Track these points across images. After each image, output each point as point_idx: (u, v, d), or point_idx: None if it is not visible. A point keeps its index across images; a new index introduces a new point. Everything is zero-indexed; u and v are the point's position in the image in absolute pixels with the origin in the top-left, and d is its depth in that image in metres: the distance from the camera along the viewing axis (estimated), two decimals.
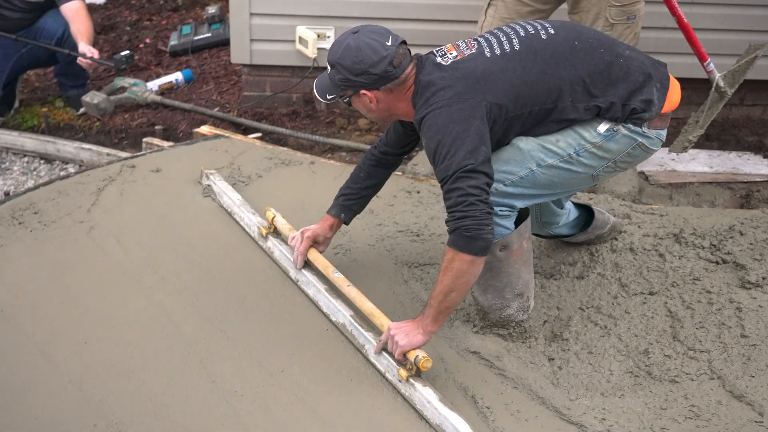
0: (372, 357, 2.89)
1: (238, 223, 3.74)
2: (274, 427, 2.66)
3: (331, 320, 3.12)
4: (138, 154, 4.61)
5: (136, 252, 3.56)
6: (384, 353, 2.84)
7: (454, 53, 2.82)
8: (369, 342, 2.92)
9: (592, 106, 2.81)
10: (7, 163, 5.29)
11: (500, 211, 2.85)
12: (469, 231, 2.65)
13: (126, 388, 2.80)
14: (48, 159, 5.31)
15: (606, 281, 3.34)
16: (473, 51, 2.81)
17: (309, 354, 2.96)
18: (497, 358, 2.99)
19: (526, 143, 2.85)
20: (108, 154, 5.08)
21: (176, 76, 5.98)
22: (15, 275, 3.36)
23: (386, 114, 2.95)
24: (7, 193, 4.96)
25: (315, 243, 3.29)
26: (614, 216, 3.61)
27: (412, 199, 4.03)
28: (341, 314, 3.06)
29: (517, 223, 2.97)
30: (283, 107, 5.54)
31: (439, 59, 2.82)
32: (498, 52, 2.80)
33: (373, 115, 2.96)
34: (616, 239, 3.51)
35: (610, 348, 3.06)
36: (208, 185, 4.00)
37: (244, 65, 5.51)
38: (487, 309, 3.06)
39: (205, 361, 2.92)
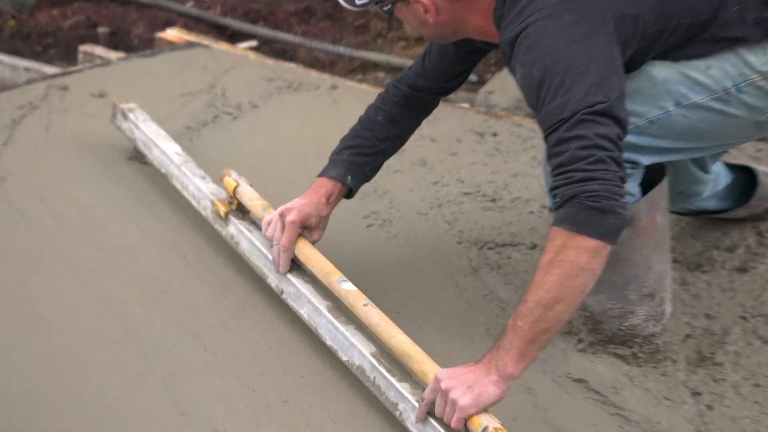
0: (411, 425, 2.68)
1: (180, 193, 3.64)
2: None
3: (341, 359, 2.96)
4: (72, 69, 4.65)
5: (70, 218, 3.58)
6: (431, 420, 2.60)
7: None
8: (405, 400, 2.69)
9: (764, 18, 2.78)
10: None
11: None
12: (597, 199, 2.47)
13: (57, 416, 2.80)
14: None
15: None
16: None
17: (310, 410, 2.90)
18: (614, 390, 2.98)
19: (661, 70, 2.82)
20: (27, 69, 5.12)
21: None
22: None
23: (448, 30, 2.93)
24: None
25: (304, 228, 3.16)
26: None
27: (485, 144, 4.03)
28: (356, 352, 2.87)
29: (647, 188, 2.95)
30: (291, 2, 5.53)
31: None
32: None
33: (427, 31, 2.92)
34: None
35: None
36: (128, 128, 3.87)
37: None
38: (599, 316, 3.05)
39: (171, 381, 2.93)
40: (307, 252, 3.08)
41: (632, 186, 2.89)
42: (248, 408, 2.84)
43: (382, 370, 2.75)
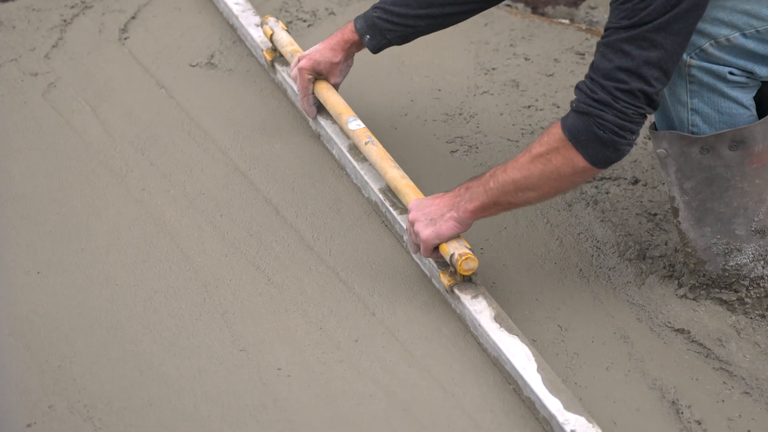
0: (414, 256, 3.14)
1: (243, 42, 3.96)
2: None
3: (363, 196, 3.40)
4: None
5: (123, 130, 3.63)
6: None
7: None
8: (406, 232, 3.11)
9: None
10: None
11: (731, 74, 2.81)
12: (603, 129, 2.67)
13: (101, 350, 2.87)
14: None
15: None
16: None
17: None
18: (718, 342, 2.99)
19: None
20: None
21: None
22: None
23: None
24: None
25: (318, 74, 3.50)
26: None
27: (585, 66, 4.00)
28: (370, 189, 3.33)
29: (764, 109, 2.93)
30: None
31: None
32: None
33: None
34: None
35: None
36: None
37: None
38: (702, 254, 3.05)
39: (231, 314, 2.99)
40: (323, 94, 3.46)
41: (745, 97, 2.87)
42: (315, 347, 2.90)
43: (387, 204, 3.23)
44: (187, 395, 2.75)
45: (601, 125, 2.67)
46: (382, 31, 3.36)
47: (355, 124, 3.36)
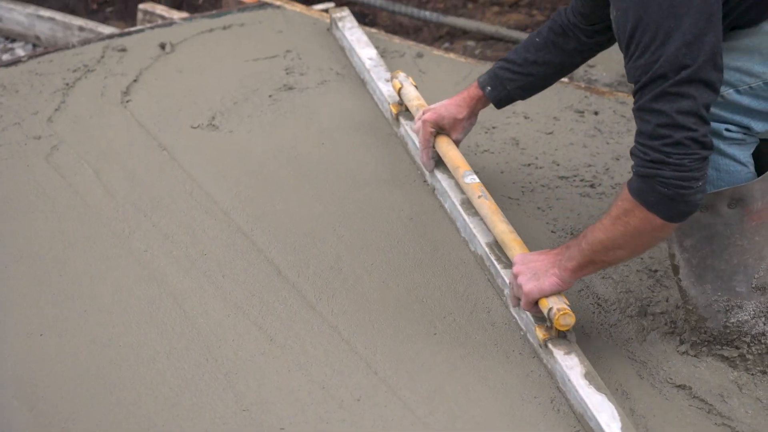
0: (512, 310, 3.19)
1: (371, 96, 4.09)
2: None
3: (470, 250, 3.43)
4: (131, 30, 4.70)
5: (126, 192, 3.66)
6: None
7: None
8: (507, 285, 3.19)
9: None
10: None
11: (727, 131, 2.85)
12: (667, 186, 2.68)
13: (104, 411, 2.87)
14: None
15: None
16: None
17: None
18: (720, 397, 2.99)
19: None
20: (81, 28, 5.19)
21: None
22: None
23: None
24: None
25: (442, 129, 3.56)
26: None
27: (584, 123, 4.04)
28: (477, 242, 3.37)
29: (763, 166, 2.95)
30: None
31: None
32: None
33: None
34: None
35: None
36: (339, 37, 4.41)
37: None
38: (703, 311, 3.06)
39: (234, 374, 3.00)
40: (443, 148, 3.54)
41: (743, 154, 2.90)
42: (318, 406, 2.89)
43: (493, 258, 3.28)
44: None
45: (663, 183, 2.68)
46: (503, 81, 3.45)
47: (470, 179, 3.42)
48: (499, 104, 3.51)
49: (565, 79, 4.28)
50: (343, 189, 3.69)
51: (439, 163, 3.62)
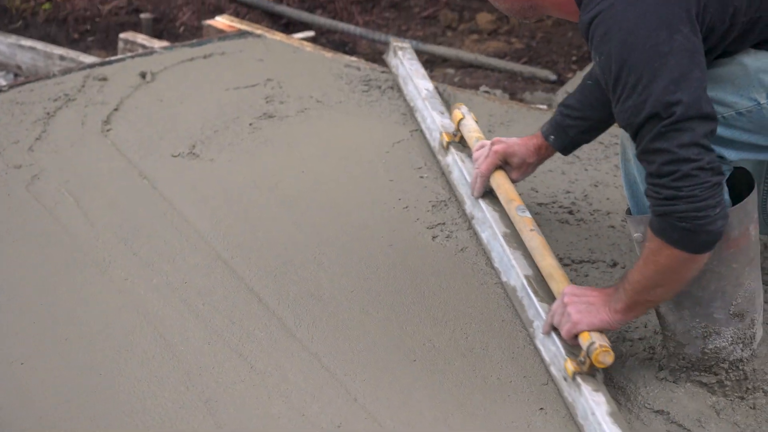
0: (538, 340, 3.17)
1: (419, 125, 4.14)
2: None
3: (501, 281, 3.43)
4: (111, 59, 4.72)
5: (106, 220, 3.67)
6: (554, 335, 3.09)
7: None
8: (539, 318, 3.19)
9: None
10: None
11: None
12: (685, 220, 2.70)
13: None
14: None
15: None
16: None
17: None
18: (698, 423, 3.00)
19: (756, 59, 2.85)
20: (62, 58, 5.20)
21: None
22: None
23: (526, 4, 3.00)
24: None
25: (506, 164, 3.58)
26: None
27: None
28: (514, 273, 3.36)
29: (737, 199, 2.97)
30: None
31: None
32: None
33: (504, 5, 3.00)
34: None
35: None
36: (395, 64, 4.49)
37: None
38: (681, 337, 3.07)
39: (214, 402, 3.00)
40: (499, 180, 3.56)
41: None
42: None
43: (529, 290, 3.26)
44: None
45: (681, 218, 2.70)
46: (565, 129, 3.46)
47: (524, 213, 3.43)
48: (565, 151, 3.53)
49: (543, 106, 4.32)
50: (324, 217, 3.70)
51: (485, 194, 3.64)
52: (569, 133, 3.45)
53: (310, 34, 5.10)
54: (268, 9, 5.45)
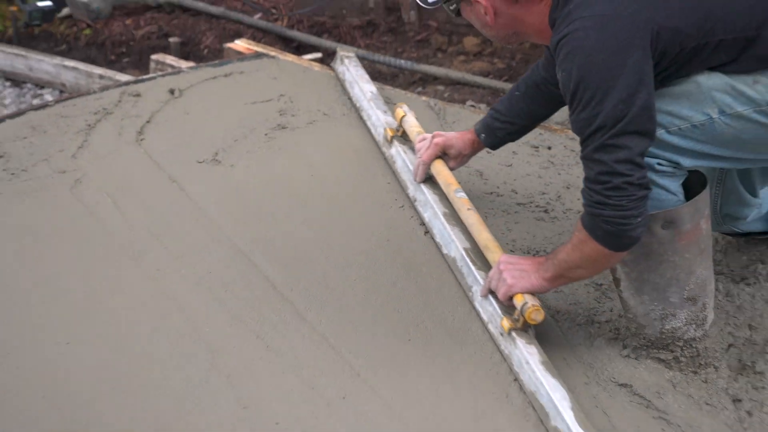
0: (477, 302, 3.23)
1: (365, 123, 4.17)
2: None
3: (442, 253, 3.47)
4: (144, 77, 4.72)
5: (140, 219, 3.68)
6: (491, 298, 3.17)
7: None
8: (477, 283, 3.26)
9: None
10: None
11: (659, 165, 2.89)
12: (609, 224, 2.78)
13: (122, 410, 2.89)
14: (16, 80, 5.46)
15: None
16: None
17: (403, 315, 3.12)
18: (657, 395, 3.01)
19: (708, 79, 2.86)
20: (101, 77, 5.20)
21: None
22: None
23: (509, 32, 3.03)
24: None
25: (445, 155, 3.63)
26: None
27: (539, 157, 4.06)
28: (454, 246, 3.42)
29: (691, 196, 2.99)
30: (355, 16, 5.60)
31: None
32: None
33: (489, 33, 3.03)
34: None
35: None
36: (342, 71, 4.52)
37: None
38: (642, 319, 3.09)
39: (235, 377, 3.01)
40: (439, 168, 3.62)
41: (673, 185, 2.94)
42: (307, 404, 2.91)
43: (468, 260, 3.33)
44: None
45: (607, 222, 2.78)
46: (494, 130, 3.53)
47: (461, 194, 3.50)
48: (494, 148, 3.61)
49: None
50: (329, 215, 3.71)
51: (426, 180, 3.71)
52: (497, 134, 3.53)
53: (318, 55, 5.10)
54: (281, 34, 5.46)
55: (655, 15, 2.75)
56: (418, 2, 3.06)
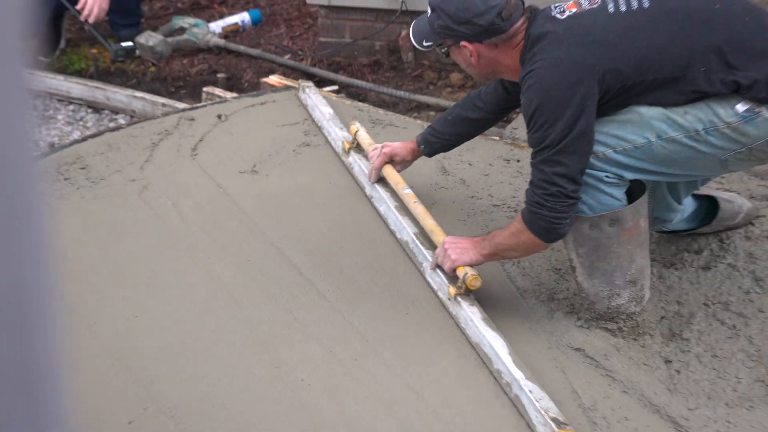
0: (427, 275, 3.25)
1: (326, 138, 4.16)
2: (344, 417, 2.74)
3: (397, 238, 3.48)
4: (197, 105, 4.72)
5: (194, 219, 3.67)
6: (438, 271, 3.17)
7: (574, 9, 2.86)
8: (427, 260, 3.26)
9: (730, 80, 2.78)
10: (51, 111, 5.46)
11: (606, 177, 2.89)
12: (544, 221, 2.83)
13: (179, 370, 2.91)
14: (96, 108, 5.46)
15: (737, 274, 3.31)
16: (595, 6, 2.86)
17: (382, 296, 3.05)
18: (604, 356, 3.02)
19: (649, 110, 2.86)
20: (163, 105, 5.21)
21: (242, 17, 6.10)
22: (59, 238, 3.48)
23: (488, 71, 3.05)
24: (51, 144, 5.13)
25: (392, 161, 3.61)
26: (749, 200, 3.56)
27: (510, 168, 4.06)
28: (405, 232, 3.43)
29: (633, 200, 2.99)
30: (364, 57, 5.60)
31: (555, 13, 2.85)
32: (624, 8, 2.83)
33: (472, 71, 3.05)
34: (752, 224, 3.48)
35: (738, 352, 3.05)
36: (304, 98, 4.50)
37: (321, 6, 5.59)
38: (593, 297, 3.09)
39: (269, 344, 3.02)
40: (388, 171, 3.66)
41: (618, 192, 2.95)
42: (327, 365, 2.93)
43: (417, 242, 3.36)
44: (238, 398, 2.78)
45: (542, 218, 2.82)
46: (431, 143, 3.52)
47: (407, 191, 3.51)
48: (429, 156, 3.62)
49: (496, 137, 4.32)
50: (344, 215, 3.71)
51: (379, 181, 3.72)
52: (433, 146, 3.53)
53: (335, 87, 5.10)
54: (305, 71, 5.46)
55: (602, 59, 2.78)
56: (415, 45, 3.07)
